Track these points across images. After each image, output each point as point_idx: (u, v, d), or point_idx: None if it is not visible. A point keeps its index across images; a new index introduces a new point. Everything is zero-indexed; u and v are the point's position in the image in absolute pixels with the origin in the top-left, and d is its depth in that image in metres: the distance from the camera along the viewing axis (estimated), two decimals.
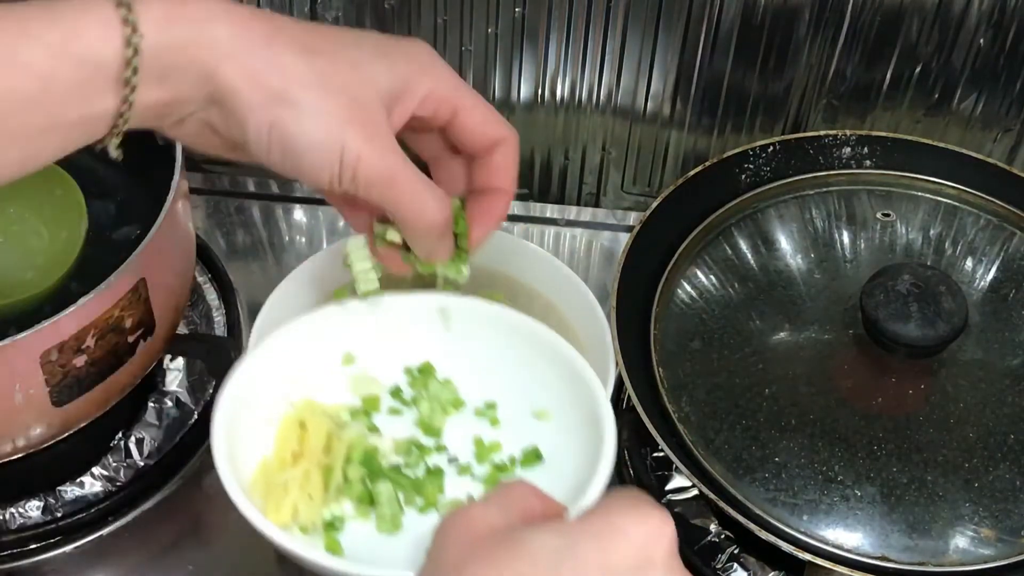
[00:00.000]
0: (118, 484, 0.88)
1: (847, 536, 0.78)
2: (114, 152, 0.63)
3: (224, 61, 0.61)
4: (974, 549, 0.77)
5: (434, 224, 0.68)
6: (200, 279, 0.99)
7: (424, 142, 0.73)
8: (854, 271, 0.89)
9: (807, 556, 0.76)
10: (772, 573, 0.84)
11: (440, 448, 0.74)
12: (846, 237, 0.92)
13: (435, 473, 0.73)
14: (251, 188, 1.09)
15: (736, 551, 0.85)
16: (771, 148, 0.95)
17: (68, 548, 0.85)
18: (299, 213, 1.07)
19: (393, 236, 0.71)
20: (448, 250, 0.71)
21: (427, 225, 0.68)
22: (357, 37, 0.66)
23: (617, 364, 0.83)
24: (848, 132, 0.96)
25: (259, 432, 0.71)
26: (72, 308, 0.74)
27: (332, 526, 0.69)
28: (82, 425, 0.81)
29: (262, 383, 0.72)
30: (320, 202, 1.08)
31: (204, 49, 0.60)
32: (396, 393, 0.76)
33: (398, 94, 0.66)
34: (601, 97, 1.04)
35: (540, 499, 0.57)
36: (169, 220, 0.80)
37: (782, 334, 0.87)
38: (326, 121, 0.62)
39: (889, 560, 0.77)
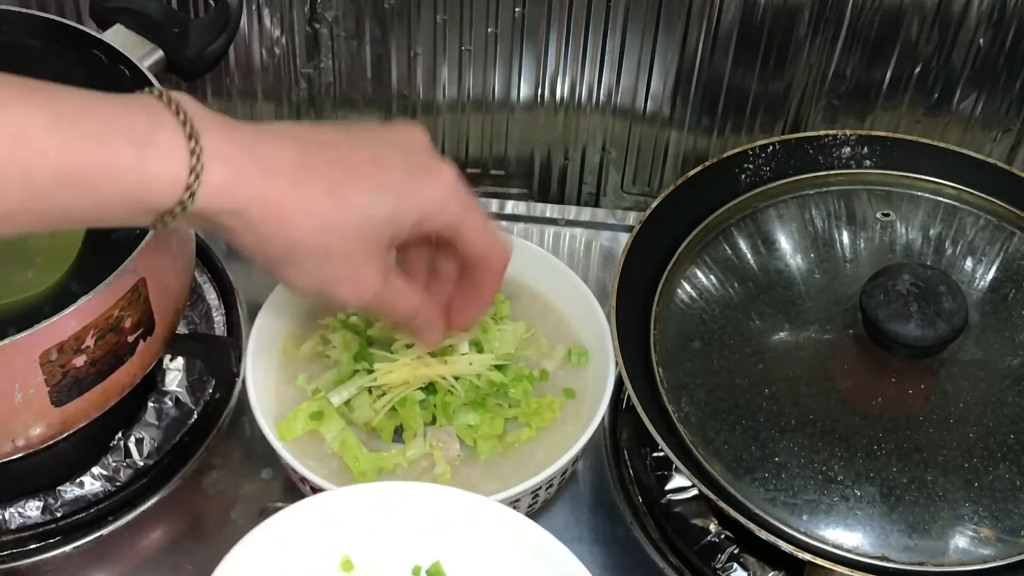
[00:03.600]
0: (118, 484, 0.88)
1: (847, 536, 0.78)
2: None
3: (246, 231, 0.68)
4: (974, 549, 0.77)
5: (405, 322, 0.79)
6: (200, 279, 0.99)
7: (422, 246, 0.80)
8: (854, 271, 0.89)
9: (807, 556, 0.76)
10: (772, 573, 0.84)
11: None
12: (846, 237, 0.92)
13: None
14: None
15: (736, 551, 0.85)
16: (771, 148, 0.95)
17: (68, 548, 0.85)
18: None
19: None
20: (431, 340, 0.82)
21: (399, 322, 0.80)
22: (381, 168, 0.71)
23: (617, 364, 0.83)
24: (848, 132, 0.96)
25: None
26: (72, 308, 0.74)
27: None
28: (82, 425, 0.81)
29: None
30: None
31: (235, 218, 0.67)
32: None
33: (405, 226, 0.72)
34: (601, 97, 1.04)
35: None
36: None
37: (782, 334, 0.87)
38: (318, 276, 0.71)
39: (889, 560, 0.77)
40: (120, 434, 0.89)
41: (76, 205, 0.63)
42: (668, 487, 0.88)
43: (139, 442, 0.89)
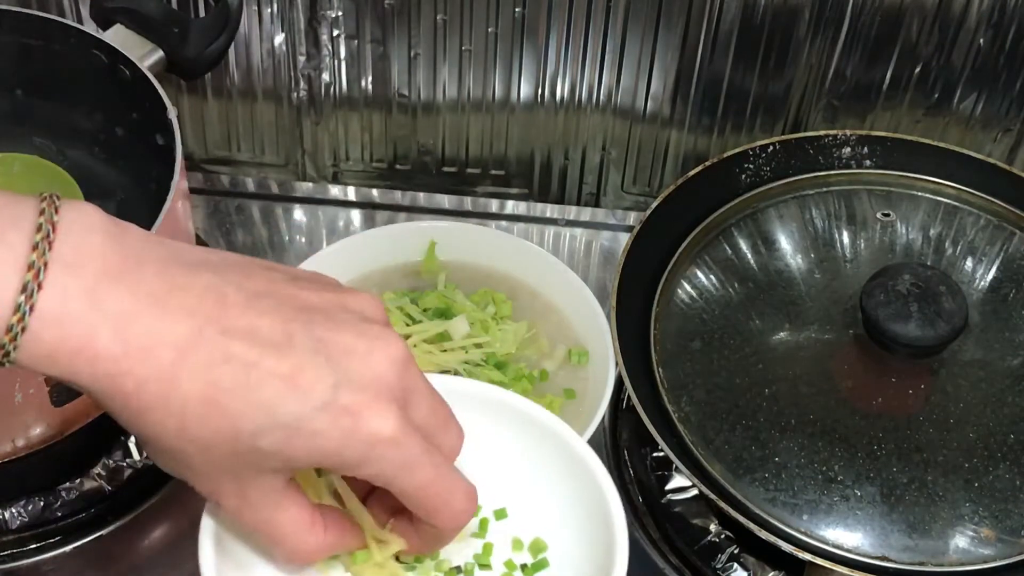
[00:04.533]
0: (118, 484, 0.88)
1: (847, 536, 0.78)
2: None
3: (102, 405, 0.55)
4: (974, 549, 0.77)
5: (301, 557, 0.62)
6: None
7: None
8: (854, 271, 0.89)
9: (807, 556, 0.76)
10: (772, 573, 0.84)
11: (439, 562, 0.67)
12: (846, 237, 0.92)
13: None
14: (251, 188, 1.09)
15: (736, 551, 0.85)
16: (771, 148, 0.95)
17: (68, 548, 0.85)
18: (299, 213, 1.07)
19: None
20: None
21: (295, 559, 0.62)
22: (275, 403, 0.55)
23: (617, 364, 0.83)
24: (848, 132, 0.96)
25: None
26: None
27: None
28: (82, 425, 0.81)
29: None
30: (320, 202, 1.08)
31: (85, 390, 0.54)
32: None
33: (296, 465, 0.58)
34: (601, 97, 1.04)
35: None
36: (169, 220, 0.80)
37: (782, 334, 0.87)
38: (185, 478, 0.58)
39: (889, 560, 0.77)
40: (120, 434, 0.89)
41: None
42: (668, 487, 0.88)
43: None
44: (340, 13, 1.00)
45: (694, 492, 0.87)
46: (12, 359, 0.52)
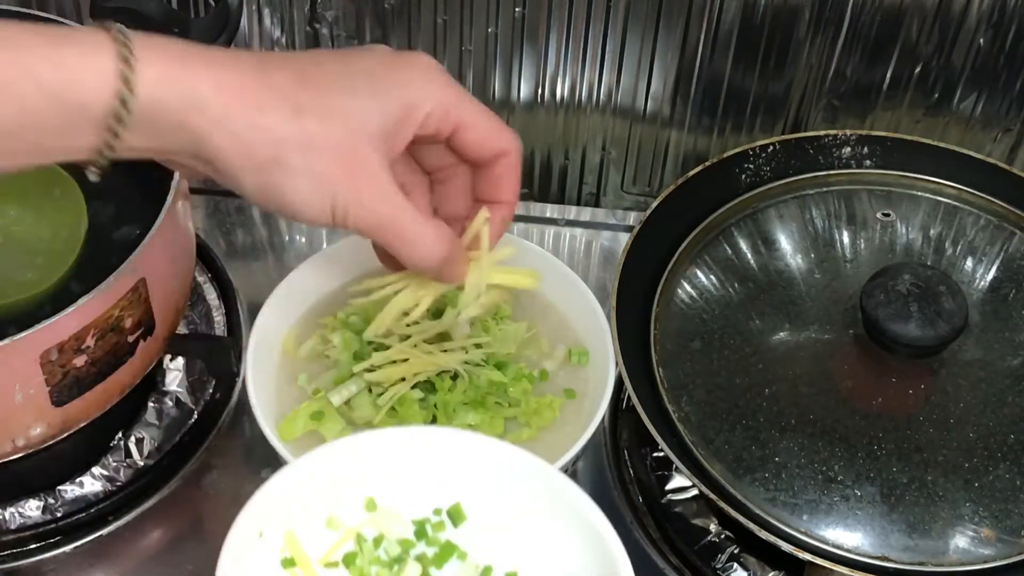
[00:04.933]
0: (118, 484, 0.88)
1: (847, 536, 0.78)
2: (93, 177, 0.64)
3: (215, 129, 0.62)
4: (974, 549, 0.77)
5: (430, 261, 0.71)
6: (200, 279, 0.99)
7: (428, 154, 0.75)
8: (854, 271, 0.89)
9: (807, 556, 0.76)
10: (772, 573, 0.84)
11: None
12: (846, 237, 0.92)
13: None
14: None
15: (736, 551, 0.85)
16: (771, 148, 0.95)
17: (68, 548, 0.85)
18: None
19: None
20: (456, 276, 0.74)
21: (423, 263, 0.71)
22: (352, 75, 0.67)
23: (617, 364, 0.83)
24: (848, 132, 0.96)
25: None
26: (72, 308, 0.74)
27: None
28: (82, 425, 0.81)
29: (278, 515, 0.70)
30: None
31: (195, 114, 0.62)
32: (420, 531, 0.74)
33: (394, 127, 0.67)
34: (601, 97, 1.04)
35: None
36: (169, 220, 0.80)
37: (782, 334, 0.87)
38: (316, 180, 0.65)
39: (889, 560, 0.77)
40: (120, 434, 0.89)
41: (3, 114, 0.59)
42: (668, 487, 0.88)
43: (139, 442, 0.89)
44: (340, 13, 1.00)
45: (694, 492, 0.87)
46: (127, 122, 0.60)
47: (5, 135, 0.59)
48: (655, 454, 0.89)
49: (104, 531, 0.86)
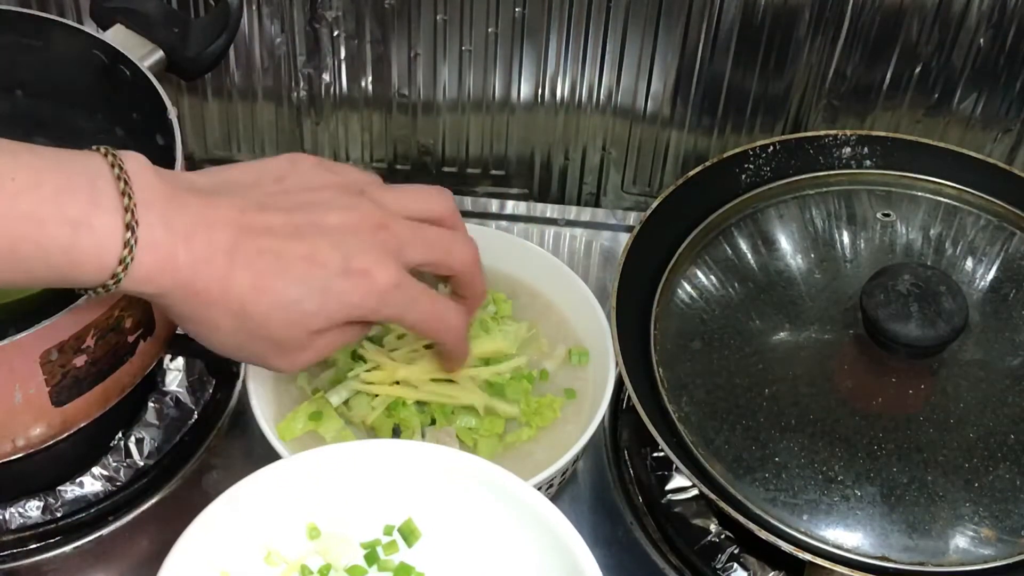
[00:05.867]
0: (118, 484, 0.88)
1: (847, 536, 0.78)
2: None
3: (168, 309, 0.71)
4: (974, 549, 0.77)
5: (458, 331, 0.79)
6: None
7: None
8: (854, 271, 0.89)
9: (807, 556, 0.76)
10: (772, 573, 0.84)
11: None
12: (846, 237, 0.92)
13: None
14: None
15: (736, 551, 0.85)
16: (771, 148, 0.95)
17: (68, 548, 0.85)
18: None
19: None
20: (464, 351, 0.82)
21: (452, 333, 0.79)
22: (307, 278, 0.71)
23: (617, 364, 0.83)
24: (848, 132, 0.96)
25: None
26: (72, 308, 0.73)
27: None
28: (82, 425, 0.81)
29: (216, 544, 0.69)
30: None
31: (158, 300, 0.70)
32: (371, 555, 0.72)
33: (334, 321, 0.73)
34: (601, 97, 1.04)
35: None
36: None
37: (782, 334, 0.87)
38: (244, 355, 0.75)
39: (889, 560, 0.77)
40: (120, 434, 0.89)
41: (4, 271, 0.65)
42: (668, 487, 0.88)
43: (139, 442, 0.89)
44: (340, 13, 1.00)
45: (694, 492, 0.87)
46: (120, 283, 0.66)
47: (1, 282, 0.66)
48: (655, 454, 0.89)
49: (104, 531, 0.86)
